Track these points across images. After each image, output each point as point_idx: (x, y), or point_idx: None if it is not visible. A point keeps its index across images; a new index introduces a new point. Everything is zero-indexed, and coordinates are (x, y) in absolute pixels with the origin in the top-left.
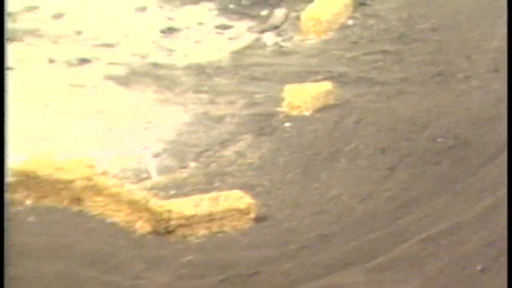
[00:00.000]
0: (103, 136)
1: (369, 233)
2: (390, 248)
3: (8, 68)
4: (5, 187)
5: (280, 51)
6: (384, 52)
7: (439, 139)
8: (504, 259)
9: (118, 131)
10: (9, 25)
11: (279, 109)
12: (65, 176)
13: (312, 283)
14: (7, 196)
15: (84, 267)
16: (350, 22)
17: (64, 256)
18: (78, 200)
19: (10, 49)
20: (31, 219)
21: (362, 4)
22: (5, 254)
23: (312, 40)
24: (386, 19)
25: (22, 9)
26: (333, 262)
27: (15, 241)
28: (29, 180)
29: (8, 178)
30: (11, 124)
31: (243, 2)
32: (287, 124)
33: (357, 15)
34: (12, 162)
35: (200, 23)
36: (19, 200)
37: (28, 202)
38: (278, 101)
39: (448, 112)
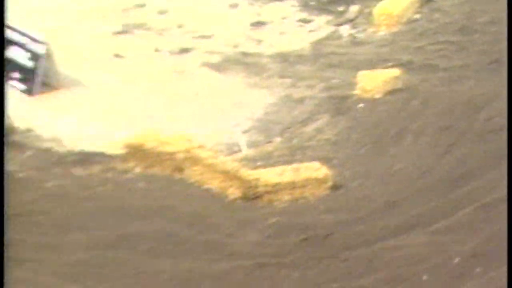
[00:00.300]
0: (200, 115)
1: (431, 201)
2: (450, 214)
3: (119, 56)
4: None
5: (354, 42)
6: (447, 42)
7: (493, 119)
8: None
9: (212, 111)
10: (121, 20)
11: (353, 92)
12: (168, 149)
13: (380, 244)
14: (120, 165)
15: (184, 227)
16: (417, 16)
17: (167, 216)
18: (179, 169)
19: (122, 40)
20: (140, 184)
21: (428, 0)
22: (116, 216)
23: (383, 32)
24: (449, 14)
25: (132, 6)
26: (399, 226)
27: (127, 204)
28: (138, 152)
29: (120, 150)
30: (122, 104)
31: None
32: (360, 105)
33: (423, 10)
34: (123, 137)
35: (285, 18)
36: (130, 169)
37: (137, 170)
38: (352, 85)
39: (501, 95)
